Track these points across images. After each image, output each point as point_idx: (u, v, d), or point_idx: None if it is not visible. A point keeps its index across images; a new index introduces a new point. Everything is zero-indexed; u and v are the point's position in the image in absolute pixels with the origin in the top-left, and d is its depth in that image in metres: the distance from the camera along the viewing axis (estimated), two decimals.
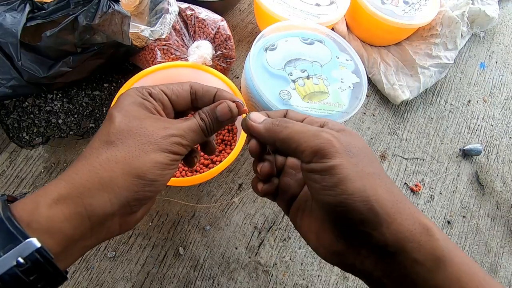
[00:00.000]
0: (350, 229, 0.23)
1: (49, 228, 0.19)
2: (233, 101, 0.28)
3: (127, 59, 0.57)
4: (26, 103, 0.52)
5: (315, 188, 0.23)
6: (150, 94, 0.26)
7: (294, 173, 0.30)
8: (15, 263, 0.18)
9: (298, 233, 0.27)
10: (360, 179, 0.22)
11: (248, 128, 0.28)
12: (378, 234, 0.21)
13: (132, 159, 0.22)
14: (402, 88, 0.65)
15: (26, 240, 0.18)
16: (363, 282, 0.24)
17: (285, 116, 0.29)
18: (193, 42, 0.53)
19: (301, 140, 0.24)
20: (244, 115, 0.29)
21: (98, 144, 0.23)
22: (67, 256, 0.21)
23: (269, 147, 0.29)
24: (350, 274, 0.49)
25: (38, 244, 0.18)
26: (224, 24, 0.54)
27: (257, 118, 0.27)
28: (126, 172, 0.22)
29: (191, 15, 0.53)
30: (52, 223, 0.19)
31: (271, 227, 0.51)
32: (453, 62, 0.68)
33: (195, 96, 0.28)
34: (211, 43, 0.53)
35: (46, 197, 0.20)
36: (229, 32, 0.54)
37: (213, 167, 0.41)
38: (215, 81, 0.48)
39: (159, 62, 0.51)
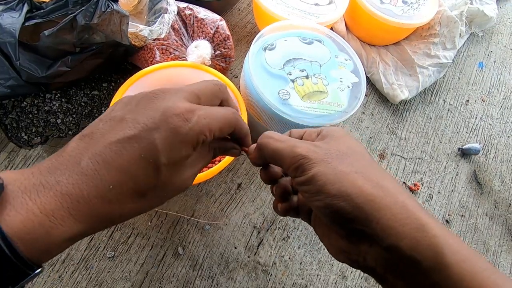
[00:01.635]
0: (345, 227, 0.23)
1: (51, 251, 0.20)
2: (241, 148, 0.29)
3: (126, 59, 0.57)
4: (24, 103, 0.51)
5: (307, 197, 0.24)
6: (203, 142, 0.24)
7: None
8: None
9: (318, 238, 0.29)
10: (339, 180, 0.22)
11: (251, 161, 0.30)
12: (370, 230, 0.22)
13: (150, 206, 0.24)
14: (401, 88, 0.65)
15: (33, 273, 0.19)
16: (361, 281, 0.24)
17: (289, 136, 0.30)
18: (192, 42, 0.53)
19: (283, 158, 0.25)
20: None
21: (129, 194, 0.21)
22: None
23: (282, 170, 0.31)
24: (349, 274, 0.49)
25: (38, 270, 0.19)
26: (223, 23, 0.54)
27: (252, 149, 0.29)
28: (138, 212, 0.23)
29: (190, 15, 0.53)
30: (56, 249, 0.20)
31: (270, 226, 0.51)
32: (451, 61, 0.68)
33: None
34: (210, 42, 0.53)
35: (59, 237, 0.19)
36: (228, 32, 0.54)
37: (212, 167, 0.41)
38: None
39: (158, 62, 0.51)
